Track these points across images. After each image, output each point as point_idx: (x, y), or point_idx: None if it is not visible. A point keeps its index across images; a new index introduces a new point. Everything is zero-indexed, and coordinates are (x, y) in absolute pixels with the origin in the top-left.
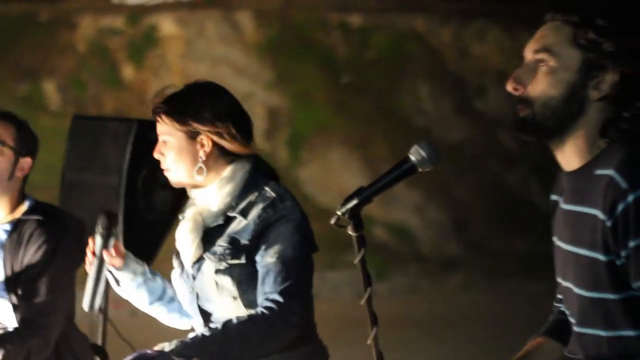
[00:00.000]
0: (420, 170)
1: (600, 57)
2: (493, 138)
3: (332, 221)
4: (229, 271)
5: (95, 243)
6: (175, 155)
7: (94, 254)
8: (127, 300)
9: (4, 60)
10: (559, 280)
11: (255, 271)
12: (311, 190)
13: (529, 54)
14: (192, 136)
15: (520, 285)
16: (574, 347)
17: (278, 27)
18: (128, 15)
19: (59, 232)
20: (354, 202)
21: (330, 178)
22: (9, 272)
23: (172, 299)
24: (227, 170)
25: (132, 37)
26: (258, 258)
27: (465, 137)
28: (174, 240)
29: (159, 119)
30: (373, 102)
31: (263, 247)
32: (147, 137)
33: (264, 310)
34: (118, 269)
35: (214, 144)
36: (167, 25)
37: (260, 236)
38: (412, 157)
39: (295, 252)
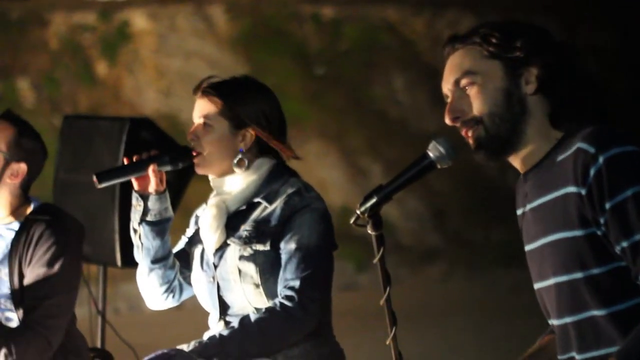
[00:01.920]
0: (439, 166)
1: (515, 56)
2: None
3: (352, 220)
4: (252, 257)
5: (156, 154)
6: (215, 141)
7: (145, 157)
8: None
9: None
10: (536, 284)
11: (279, 259)
12: None
13: (449, 87)
14: (238, 126)
15: (500, 275)
16: (565, 345)
17: (250, 20)
18: (100, 11)
19: (67, 233)
20: (373, 200)
21: (307, 170)
22: (16, 272)
23: (172, 267)
24: (255, 163)
25: (105, 33)
26: (282, 244)
27: (441, 128)
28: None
29: (207, 100)
30: (347, 94)
31: (288, 234)
32: (140, 135)
33: (283, 301)
34: (157, 192)
35: (256, 139)
36: (139, 20)
37: (286, 222)
38: (431, 154)
39: (319, 241)
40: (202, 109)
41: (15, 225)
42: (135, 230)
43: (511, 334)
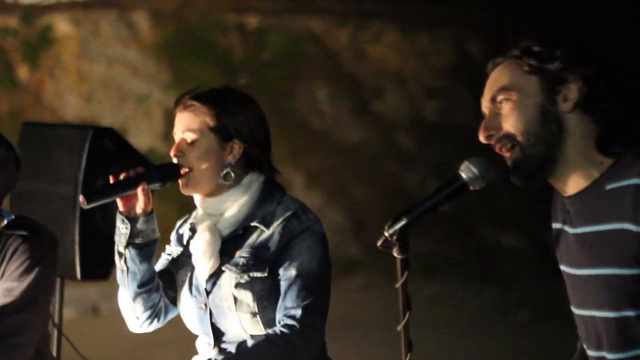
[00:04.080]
0: (471, 188)
1: (553, 68)
2: (390, 139)
3: (379, 243)
4: (249, 285)
5: (145, 172)
6: (201, 155)
7: (134, 175)
8: None
9: None
10: (576, 310)
11: (276, 286)
12: None
13: (487, 104)
14: (225, 139)
15: (420, 287)
16: None
17: (174, 28)
18: (22, 14)
19: (42, 248)
20: (403, 222)
21: None
22: None
23: (157, 289)
24: (245, 180)
25: (27, 37)
26: (281, 271)
27: (363, 139)
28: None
29: (191, 113)
30: (271, 104)
31: (287, 260)
32: (103, 145)
33: (283, 329)
34: (144, 212)
35: (244, 151)
36: (62, 25)
37: (284, 248)
38: (463, 175)
39: (319, 267)
40: (185, 123)
41: None
42: (120, 254)
43: (430, 346)
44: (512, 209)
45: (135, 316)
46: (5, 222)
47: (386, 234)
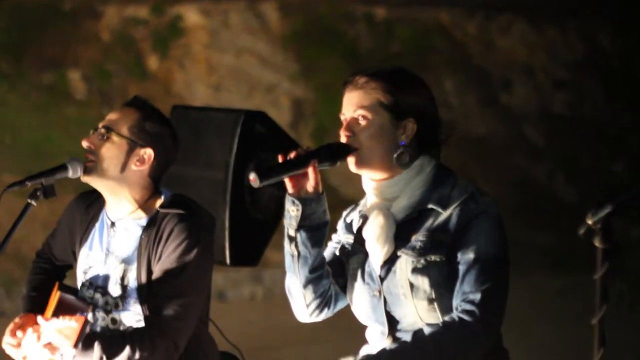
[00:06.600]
0: None
1: None
2: (518, 132)
3: (581, 231)
4: (426, 270)
5: (315, 150)
6: (374, 134)
7: (303, 153)
8: None
9: (29, 50)
10: None
11: (453, 272)
12: (336, 182)
13: None
14: (399, 118)
15: (548, 280)
16: None
17: (302, 18)
18: (152, 5)
19: (200, 228)
20: (607, 210)
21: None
22: (145, 271)
23: (327, 276)
24: (416, 162)
25: (157, 27)
26: (459, 254)
27: (491, 131)
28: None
29: (362, 91)
30: None
31: (465, 243)
32: (254, 129)
33: (462, 315)
34: (316, 192)
35: (417, 131)
36: (191, 15)
37: (463, 231)
38: None
39: (498, 251)
40: (357, 101)
41: (144, 220)
42: (291, 238)
43: (553, 341)
44: None
45: (305, 304)
46: (162, 199)
47: (589, 222)
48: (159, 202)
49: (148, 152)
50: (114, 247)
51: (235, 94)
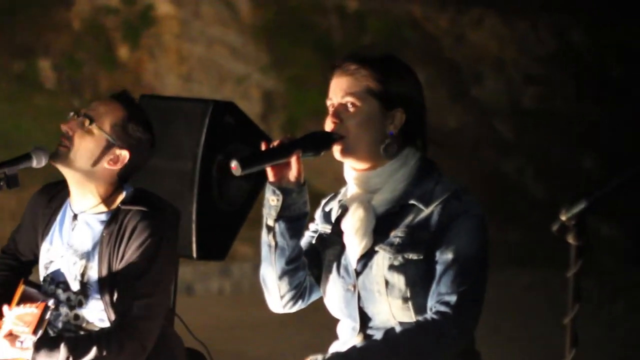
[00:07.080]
0: None
1: None
2: (488, 125)
3: (554, 228)
4: (403, 268)
5: (299, 139)
6: (362, 122)
7: (287, 142)
8: None
9: None
10: None
11: (430, 271)
12: (306, 175)
13: None
14: (388, 106)
15: (514, 276)
16: None
17: (274, 10)
18: None
19: (162, 226)
20: (582, 206)
21: (325, 163)
22: (106, 269)
23: (304, 267)
24: (401, 154)
25: (128, 17)
26: (437, 254)
27: (461, 124)
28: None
29: (351, 77)
30: None
31: (444, 242)
32: (223, 120)
33: (435, 316)
34: (297, 182)
35: (406, 121)
36: (162, 5)
37: (443, 230)
38: None
39: (478, 253)
40: (346, 87)
41: (105, 215)
42: (269, 228)
43: (526, 336)
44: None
45: (279, 295)
46: (124, 194)
47: (563, 218)
48: (120, 197)
49: (124, 154)
50: (74, 241)
51: (205, 84)
